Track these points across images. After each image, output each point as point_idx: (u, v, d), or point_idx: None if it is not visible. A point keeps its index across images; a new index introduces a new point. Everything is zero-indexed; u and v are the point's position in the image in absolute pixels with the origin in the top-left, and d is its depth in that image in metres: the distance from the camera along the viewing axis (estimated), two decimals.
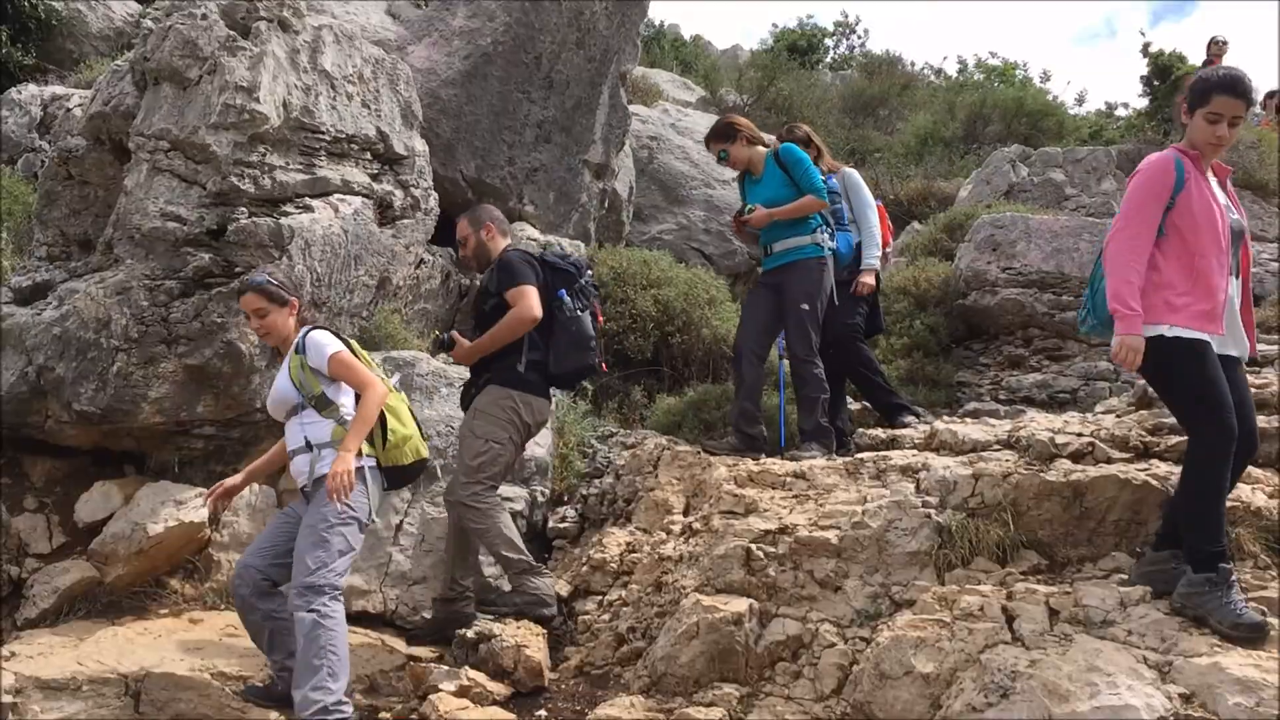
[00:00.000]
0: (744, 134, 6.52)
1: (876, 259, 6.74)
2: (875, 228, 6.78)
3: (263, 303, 4.64)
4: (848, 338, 6.65)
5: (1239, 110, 4.10)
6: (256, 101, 5.74)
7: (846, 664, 4.31)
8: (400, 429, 4.60)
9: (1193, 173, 4.14)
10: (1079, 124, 18.29)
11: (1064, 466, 4.77)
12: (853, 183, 6.92)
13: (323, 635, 4.14)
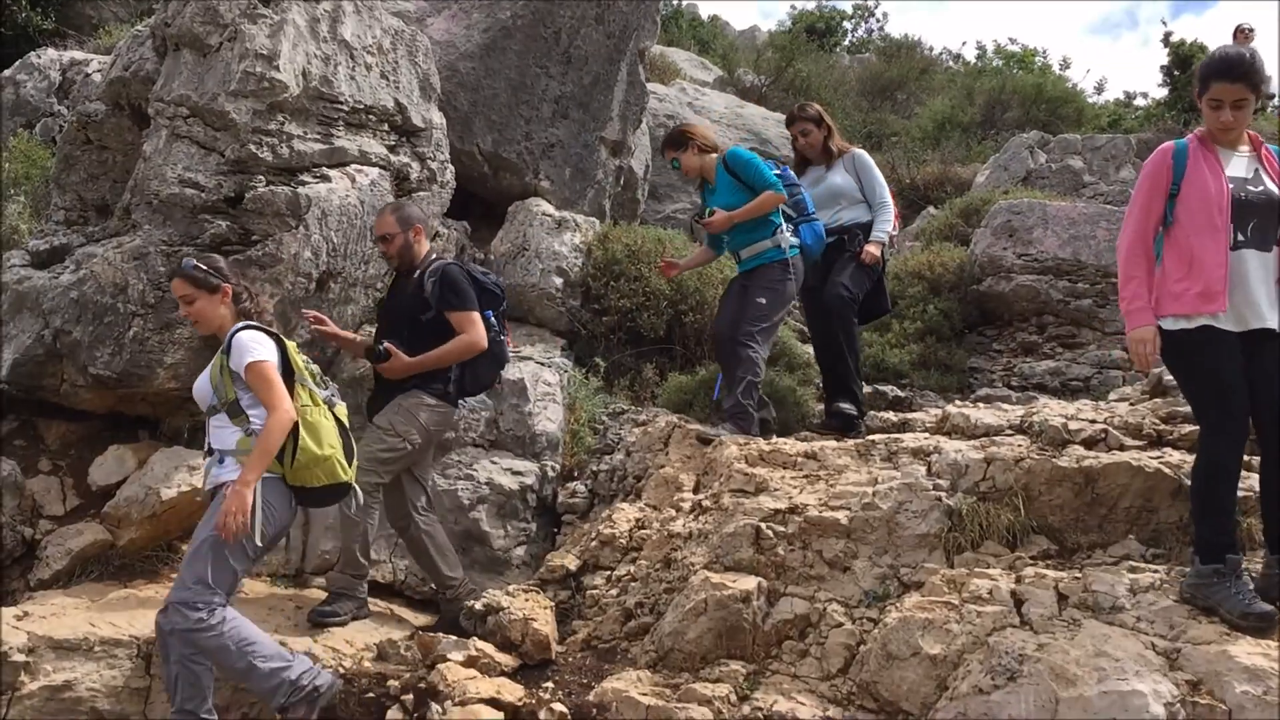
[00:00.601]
0: (696, 142, 6.50)
1: (886, 232, 6.67)
2: (889, 206, 6.74)
3: (188, 289, 4.48)
4: (841, 304, 6.46)
5: (1238, 94, 4.07)
6: (276, 70, 5.73)
7: (854, 644, 4.32)
8: (313, 449, 4.32)
9: (1200, 157, 4.16)
10: (1098, 112, 18.19)
11: (1076, 453, 4.76)
12: (863, 163, 6.88)
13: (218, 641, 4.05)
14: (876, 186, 6.79)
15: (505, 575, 5.77)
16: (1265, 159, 4.15)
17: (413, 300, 5.44)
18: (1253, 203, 4.06)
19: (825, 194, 6.81)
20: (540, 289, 7.46)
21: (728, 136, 11.93)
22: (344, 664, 4.70)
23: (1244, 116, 4.10)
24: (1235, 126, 4.14)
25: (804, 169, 7.02)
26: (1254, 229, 4.06)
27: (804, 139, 6.95)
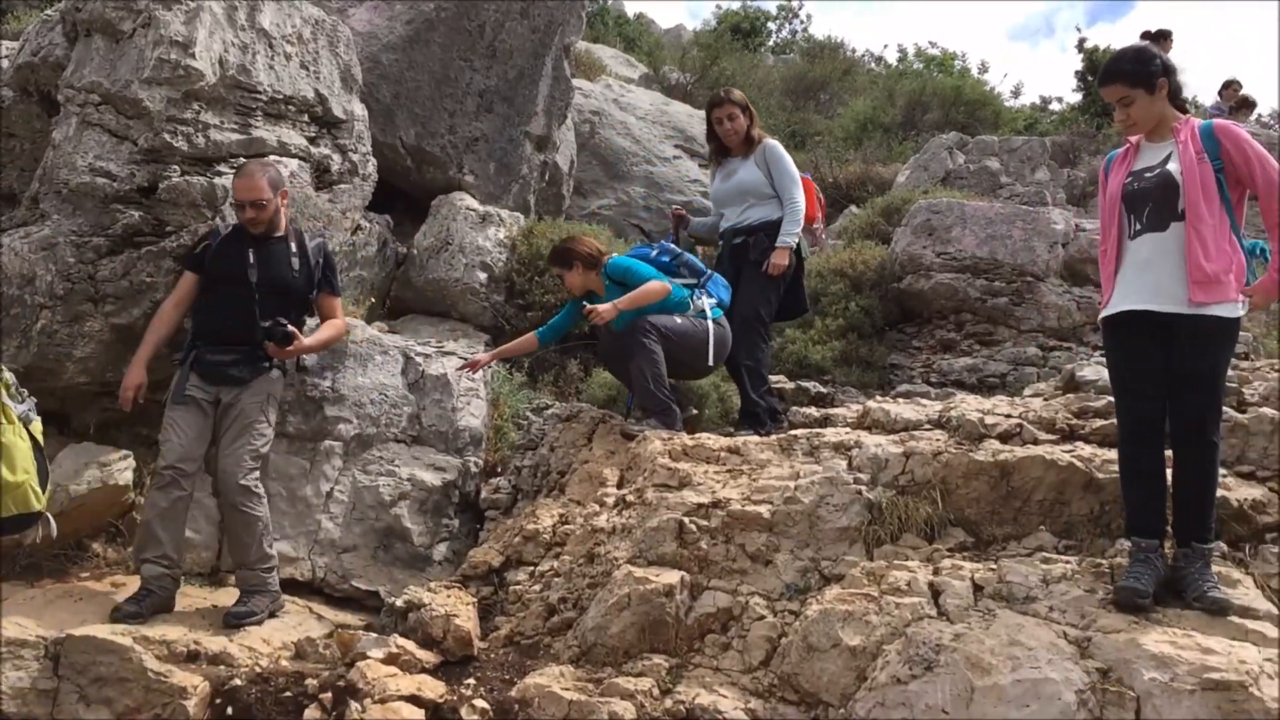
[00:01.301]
0: (580, 261, 6.34)
1: (792, 236, 6.38)
2: (798, 203, 6.46)
3: None
4: (750, 325, 6.34)
5: (1116, 94, 4.20)
6: (192, 57, 5.61)
7: (775, 636, 4.36)
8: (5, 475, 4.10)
9: (1122, 158, 4.38)
10: (1015, 115, 18.59)
11: (992, 447, 4.86)
12: (774, 154, 6.58)
13: None
14: (786, 181, 6.52)
15: (427, 572, 5.71)
16: (1184, 142, 4.16)
17: (301, 276, 5.37)
18: (1144, 189, 4.17)
19: (733, 190, 6.65)
20: (464, 284, 7.40)
21: (653, 134, 11.95)
22: (260, 663, 4.61)
23: (1136, 113, 4.19)
24: (1132, 123, 4.25)
25: (721, 160, 6.85)
26: (1150, 214, 4.16)
27: (730, 124, 6.64)
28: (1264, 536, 4.40)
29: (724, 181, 6.73)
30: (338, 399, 5.95)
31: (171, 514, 4.96)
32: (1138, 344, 4.14)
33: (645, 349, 5.97)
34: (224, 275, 5.25)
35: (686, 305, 6.23)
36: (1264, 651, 3.65)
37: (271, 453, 5.77)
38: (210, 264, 5.30)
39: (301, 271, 5.39)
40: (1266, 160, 4.05)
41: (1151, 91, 4.16)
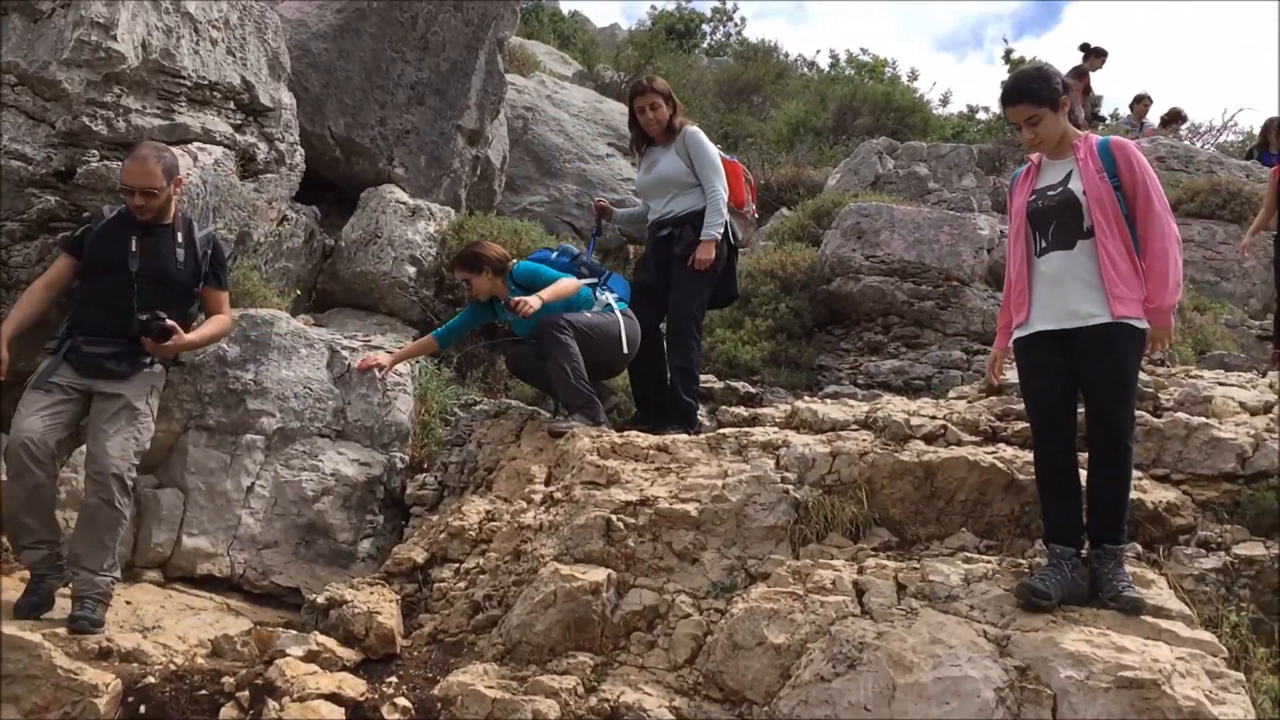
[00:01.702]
0: (489, 266, 6.27)
1: (715, 228, 6.20)
2: (719, 192, 6.27)
3: None
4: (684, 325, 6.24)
5: (1023, 114, 4.23)
6: (113, 39, 5.47)
7: (701, 634, 4.36)
8: None
9: (1024, 176, 4.47)
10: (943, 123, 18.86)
11: (917, 447, 4.91)
12: (694, 141, 6.37)
13: None
14: (707, 170, 6.31)
15: (350, 569, 5.62)
16: (1084, 159, 4.22)
17: (186, 269, 5.11)
18: (1048, 208, 4.23)
19: (655, 181, 6.50)
20: (392, 277, 7.32)
21: (586, 131, 11.92)
22: (175, 661, 4.51)
23: (1043, 131, 4.22)
24: (1038, 141, 4.28)
25: (643, 150, 6.69)
26: (1055, 232, 4.21)
27: (652, 113, 6.45)
28: (1177, 538, 4.52)
29: (646, 172, 6.60)
30: (260, 392, 5.83)
31: (35, 501, 4.69)
32: (1043, 358, 4.21)
33: (561, 344, 5.93)
34: (102, 263, 4.93)
35: (591, 303, 6.25)
36: (1176, 650, 3.73)
37: (190, 446, 5.66)
38: (89, 250, 4.97)
39: (187, 263, 5.09)
40: (1153, 186, 4.12)
41: (1056, 110, 4.21)
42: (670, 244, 6.34)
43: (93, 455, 4.81)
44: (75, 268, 5.02)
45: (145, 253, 4.98)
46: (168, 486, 5.61)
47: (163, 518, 5.50)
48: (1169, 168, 13.84)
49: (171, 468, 5.66)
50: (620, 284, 6.50)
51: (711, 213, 6.25)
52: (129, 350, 4.91)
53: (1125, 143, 4.26)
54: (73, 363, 4.85)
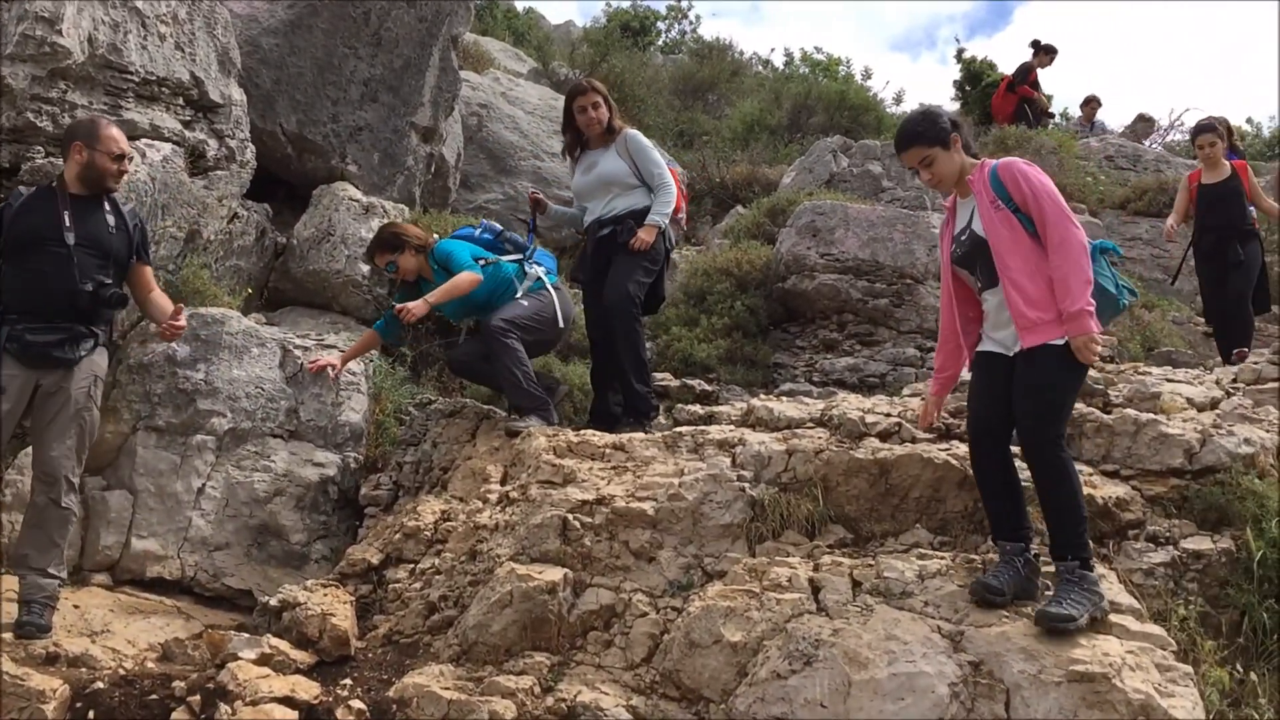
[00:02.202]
0: (411, 243, 6.21)
1: (662, 217, 6.18)
2: (670, 186, 6.27)
3: None
4: (622, 305, 6.08)
5: (916, 157, 4.25)
6: (59, 34, 5.37)
7: (658, 633, 4.36)
8: None
9: (945, 223, 4.48)
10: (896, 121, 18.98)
11: (872, 445, 4.94)
12: (636, 144, 6.34)
13: None
14: (653, 167, 6.30)
15: (304, 570, 5.57)
16: (979, 193, 4.20)
17: (119, 239, 4.92)
18: (967, 253, 4.28)
19: (595, 182, 6.37)
20: (345, 276, 7.25)
21: (541, 128, 11.88)
22: (125, 665, 4.44)
23: (939, 170, 4.24)
24: (937, 181, 4.30)
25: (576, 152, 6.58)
26: (982, 270, 4.25)
27: (593, 112, 6.35)
28: (1127, 533, 4.58)
29: (585, 174, 6.47)
30: (211, 392, 5.76)
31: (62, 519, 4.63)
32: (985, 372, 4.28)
33: (509, 349, 5.90)
34: (32, 237, 4.69)
35: (518, 281, 6.18)
36: (1126, 644, 3.78)
37: (139, 446, 5.57)
38: (11, 227, 4.72)
39: (119, 234, 4.91)
40: (1045, 198, 4.06)
41: (947, 147, 4.22)
42: (612, 240, 6.22)
43: (40, 457, 4.72)
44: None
45: (79, 223, 4.78)
46: (116, 488, 5.52)
47: (111, 520, 5.41)
48: (1118, 166, 14.04)
49: (120, 469, 5.58)
50: (547, 258, 6.48)
51: (661, 202, 6.22)
52: (74, 335, 4.73)
53: (1011, 164, 4.19)
54: (15, 354, 4.63)
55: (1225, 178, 8.12)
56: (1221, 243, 8.03)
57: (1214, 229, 8.09)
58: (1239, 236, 7.98)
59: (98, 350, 4.87)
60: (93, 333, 4.82)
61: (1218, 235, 8.06)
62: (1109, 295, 4.23)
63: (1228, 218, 8.03)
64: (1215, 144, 8.16)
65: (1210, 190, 8.19)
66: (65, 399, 4.72)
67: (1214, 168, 8.19)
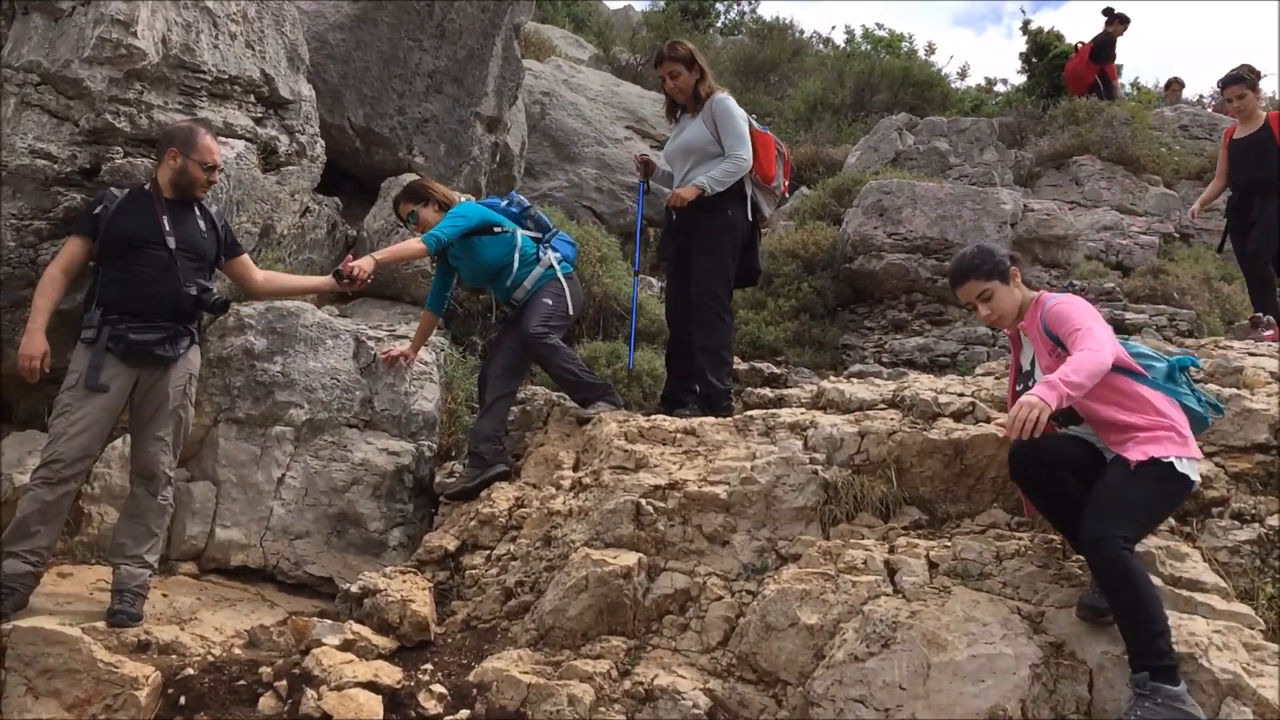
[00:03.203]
0: (436, 198, 6.15)
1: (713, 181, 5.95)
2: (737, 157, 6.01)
3: None
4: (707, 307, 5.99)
5: (974, 290, 4.11)
6: (134, 36, 5.48)
7: (733, 616, 4.37)
8: None
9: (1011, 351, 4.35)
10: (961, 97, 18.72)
11: (946, 425, 4.89)
12: (721, 109, 6.10)
13: None
14: (732, 139, 6.04)
15: (382, 557, 5.66)
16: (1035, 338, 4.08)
17: (211, 243, 5.08)
18: None
19: (678, 150, 6.27)
20: (415, 266, 7.32)
21: (604, 115, 11.91)
22: (213, 652, 4.56)
23: (997, 305, 4.11)
24: (996, 317, 4.15)
25: (677, 114, 6.43)
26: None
27: (673, 81, 6.24)
28: (1211, 511, 4.48)
29: (673, 141, 6.38)
30: (288, 384, 5.87)
31: (56, 509, 4.63)
32: None
33: (554, 349, 5.85)
34: (131, 241, 4.81)
35: (528, 256, 6.07)
36: (1213, 623, 3.72)
37: (220, 438, 5.70)
38: (109, 229, 4.83)
39: (209, 237, 5.07)
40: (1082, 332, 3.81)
41: (1006, 281, 4.10)
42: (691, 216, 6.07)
43: (138, 452, 4.88)
44: (90, 250, 4.88)
45: (178, 229, 4.93)
46: (200, 479, 5.66)
47: (196, 510, 5.55)
48: (1193, 136, 13.72)
49: (203, 460, 5.71)
50: (566, 244, 6.38)
51: (719, 169, 6.00)
52: (173, 334, 4.86)
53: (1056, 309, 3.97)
54: (118, 353, 4.72)
55: (1256, 129, 7.59)
56: (1246, 200, 7.55)
57: (1240, 185, 7.63)
58: (1263, 191, 7.41)
59: (193, 348, 5.01)
60: (189, 331, 4.96)
61: (1243, 192, 7.59)
62: (1195, 414, 3.99)
63: (1252, 172, 7.49)
64: (1245, 95, 7.64)
65: (1240, 145, 7.69)
66: (163, 396, 4.85)
67: (1248, 120, 7.67)
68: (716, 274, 6.06)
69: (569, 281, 6.11)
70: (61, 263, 4.88)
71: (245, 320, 5.88)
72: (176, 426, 4.91)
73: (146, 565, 4.78)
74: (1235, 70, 7.74)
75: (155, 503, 4.83)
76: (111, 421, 4.81)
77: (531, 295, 5.99)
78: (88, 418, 4.63)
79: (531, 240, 6.17)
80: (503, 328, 6.51)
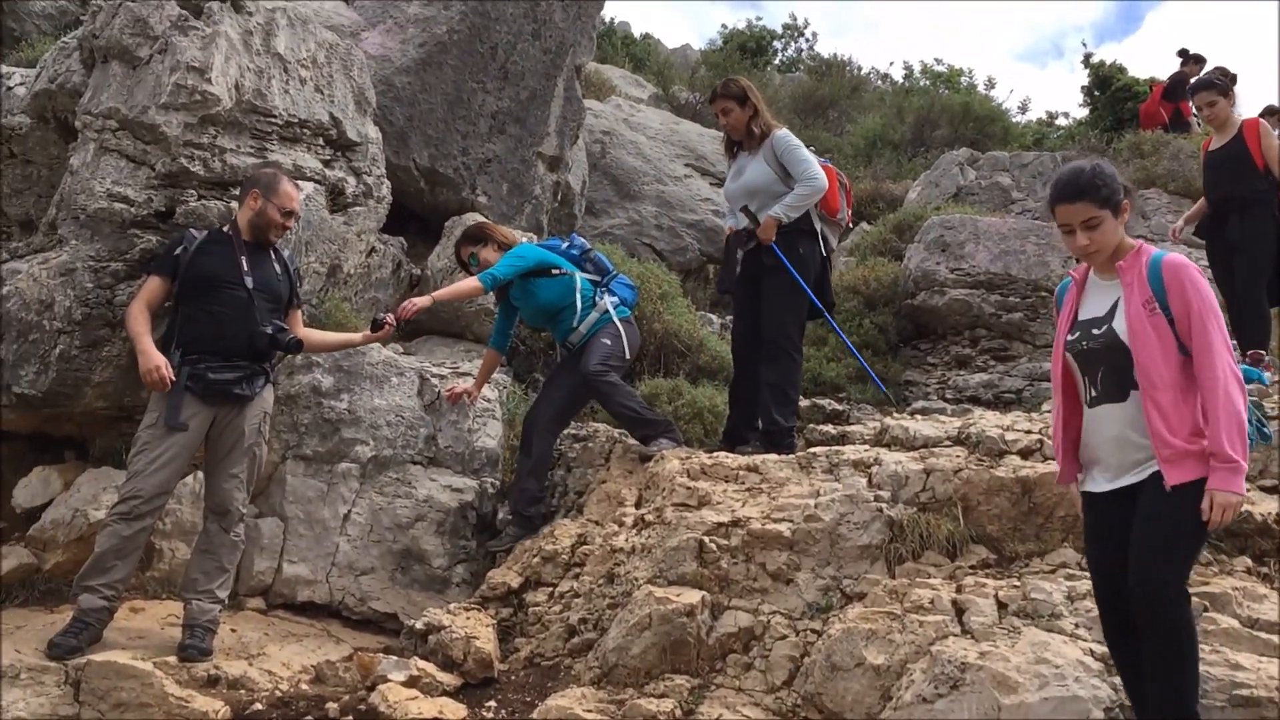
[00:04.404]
0: (495, 239, 6.19)
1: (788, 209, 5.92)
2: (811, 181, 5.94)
3: None
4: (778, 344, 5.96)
5: (1082, 214, 3.47)
6: (208, 82, 5.64)
7: (798, 655, 4.34)
8: None
9: (1069, 297, 3.71)
10: (1023, 131, 18.60)
11: (1013, 463, 4.84)
12: (783, 145, 6.05)
13: None
14: (799, 165, 5.97)
15: (445, 594, 5.69)
16: (1131, 284, 3.48)
17: (285, 286, 5.22)
18: (1093, 351, 3.52)
19: (740, 191, 6.19)
20: (478, 305, 7.39)
21: (664, 153, 11.99)
22: (281, 687, 4.61)
23: (1100, 238, 3.47)
24: (1094, 250, 3.51)
25: (734, 153, 6.38)
26: (1104, 379, 3.51)
27: (725, 119, 6.24)
28: None
29: (733, 180, 6.31)
30: (354, 421, 5.95)
31: (132, 545, 4.71)
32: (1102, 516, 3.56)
33: (614, 388, 5.82)
34: (211, 282, 4.93)
35: (585, 301, 6.01)
36: None
37: (288, 475, 5.79)
38: (189, 270, 4.95)
39: (284, 281, 5.22)
40: (1211, 319, 3.35)
41: (1117, 215, 3.50)
42: (760, 255, 6.04)
43: (213, 488, 4.99)
44: (169, 289, 5.01)
45: (256, 271, 5.06)
46: (268, 515, 5.74)
47: (264, 546, 5.63)
48: None
49: (271, 496, 5.80)
50: (625, 288, 6.31)
51: (792, 195, 5.94)
52: (251, 372, 4.98)
53: (1182, 268, 3.41)
54: (197, 391, 4.83)
55: (1230, 140, 6.82)
56: (1221, 217, 6.81)
57: (1215, 202, 6.90)
58: (1239, 208, 6.66)
59: (267, 387, 5.13)
60: (264, 370, 5.08)
61: (1218, 209, 6.86)
62: None
63: (1227, 187, 6.76)
64: (1215, 102, 6.85)
65: (1214, 157, 6.94)
66: (239, 434, 4.96)
67: (1221, 129, 6.92)
68: (790, 311, 6.03)
69: (626, 325, 6.06)
70: (143, 299, 5.01)
71: (313, 358, 5.97)
72: (251, 464, 5.01)
73: (217, 600, 4.85)
74: (1205, 75, 7.00)
75: (228, 539, 4.92)
76: (189, 459, 4.92)
77: (588, 338, 5.98)
78: (166, 455, 4.74)
79: (590, 283, 6.15)
80: (554, 370, 6.51)
